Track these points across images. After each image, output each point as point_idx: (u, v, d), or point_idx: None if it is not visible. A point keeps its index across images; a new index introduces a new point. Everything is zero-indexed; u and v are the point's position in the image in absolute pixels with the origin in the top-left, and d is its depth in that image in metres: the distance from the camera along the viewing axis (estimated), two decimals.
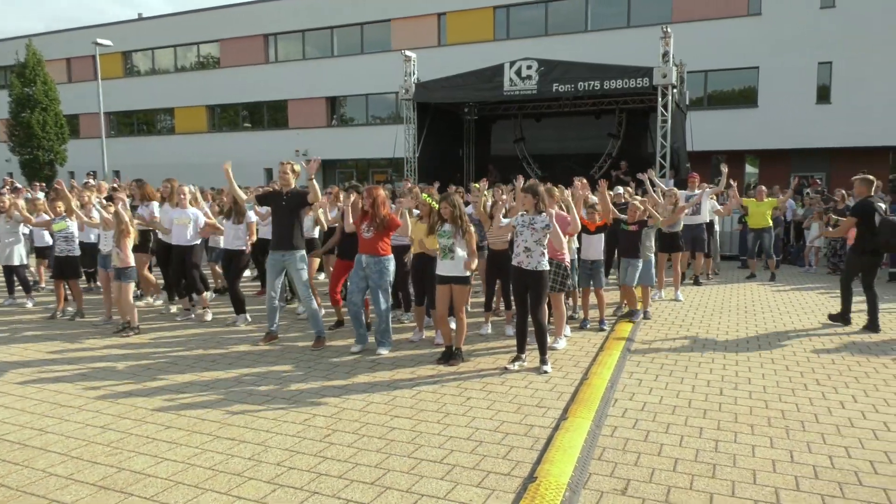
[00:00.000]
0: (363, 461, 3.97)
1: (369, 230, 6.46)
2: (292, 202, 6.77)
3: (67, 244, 8.50)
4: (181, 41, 32.78)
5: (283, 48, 30.75)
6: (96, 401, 5.10)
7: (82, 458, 4.03)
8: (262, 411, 4.84)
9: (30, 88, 28.97)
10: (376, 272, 6.49)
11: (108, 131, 32.67)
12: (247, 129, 32.08)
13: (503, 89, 15.91)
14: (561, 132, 20.19)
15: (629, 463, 3.94)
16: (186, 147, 32.12)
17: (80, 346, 6.93)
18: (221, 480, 3.72)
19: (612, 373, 5.75)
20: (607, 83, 15.10)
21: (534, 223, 5.82)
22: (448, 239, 6.07)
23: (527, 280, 5.81)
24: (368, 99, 29.13)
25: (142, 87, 33.58)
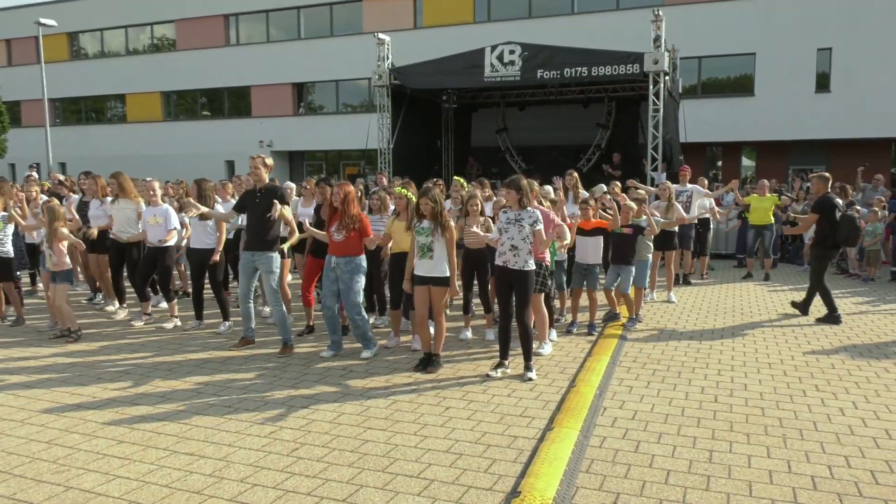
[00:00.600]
0: (334, 476, 3.96)
1: (339, 232, 6.47)
2: (267, 199, 6.70)
3: (1, 245, 8.28)
4: (133, 21, 32.36)
5: (244, 30, 30.51)
6: (41, 413, 5.02)
7: (25, 475, 3.97)
8: (224, 423, 4.81)
9: None
10: (347, 272, 6.47)
11: (53, 119, 32.15)
12: (206, 117, 31.79)
13: (484, 75, 15.94)
14: (546, 122, 20.28)
15: (619, 475, 3.99)
16: (140, 137, 31.74)
17: (22, 354, 6.82)
18: (179, 499, 3.69)
19: (600, 380, 5.81)
20: (595, 70, 15.20)
21: (521, 219, 5.82)
22: (426, 237, 6.04)
23: (512, 280, 5.83)
24: (339, 85, 29.03)
25: (90, 72, 33.09)
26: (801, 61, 22.01)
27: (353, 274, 6.50)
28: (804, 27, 21.84)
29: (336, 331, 6.67)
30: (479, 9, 26.43)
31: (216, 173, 25.47)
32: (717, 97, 23.45)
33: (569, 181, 9.96)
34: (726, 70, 23.80)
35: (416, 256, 6.15)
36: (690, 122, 17.43)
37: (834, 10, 21.56)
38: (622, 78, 15.61)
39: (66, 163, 31.19)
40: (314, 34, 29.10)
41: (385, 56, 17.25)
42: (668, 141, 15.21)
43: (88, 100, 34.17)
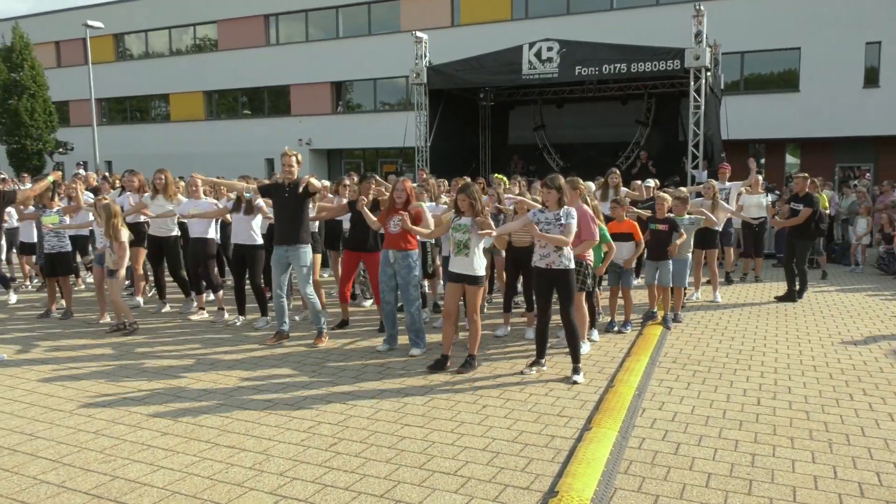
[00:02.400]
0: (372, 472, 3.99)
1: (397, 225, 6.54)
2: (294, 194, 6.81)
3: (59, 240, 8.52)
4: (176, 22, 33.02)
5: (284, 29, 30.88)
6: (88, 405, 5.16)
7: (74, 465, 4.09)
8: (264, 418, 4.88)
9: (17, 74, 29.33)
10: (405, 267, 6.59)
11: (100, 119, 32.98)
12: (246, 116, 32.28)
13: (522, 73, 15.86)
14: (584, 119, 20.12)
15: (658, 477, 3.93)
16: (182, 135, 32.37)
17: (71, 345, 7.02)
18: (221, 491, 3.76)
19: (639, 380, 5.74)
20: (635, 66, 15.00)
21: (559, 219, 5.73)
22: (464, 234, 6.01)
23: (553, 280, 5.78)
24: (376, 84, 29.18)
25: (135, 72, 33.87)
26: (848, 55, 21.39)
27: (411, 268, 6.61)
28: (852, 20, 21.21)
29: (394, 325, 6.79)
30: (517, 6, 26.30)
31: (256, 171, 25.85)
32: (761, 93, 22.94)
33: (612, 180, 9.89)
34: (770, 65, 23.25)
35: (452, 253, 6.13)
36: (732, 118, 17.10)
37: (883, 2, 20.91)
38: (662, 74, 15.38)
39: (112, 161, 31.98)
40: (352, 33, 29.30)
41: (422, 54, 17.28)
42: (709, 138, 14.94)
43: (133, 100, 34.98)
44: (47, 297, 8.79)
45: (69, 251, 8.68)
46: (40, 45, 32.69)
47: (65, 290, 8.61)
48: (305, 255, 6.93)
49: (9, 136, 29.63)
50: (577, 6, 25.13)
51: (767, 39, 22.31)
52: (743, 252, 11.56)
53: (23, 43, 29.60)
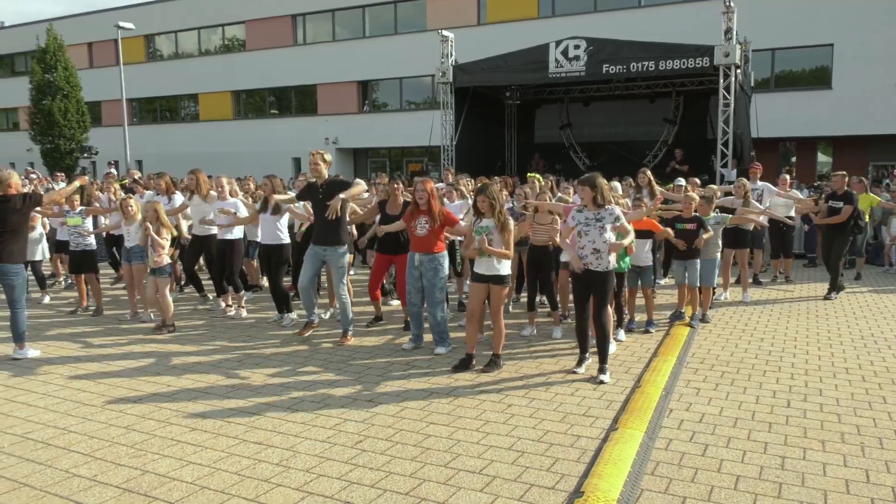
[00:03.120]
0: (397, 470, 4.01)
1: (424, 227, 6.49)
2: (330, 193, 6.77)
3: (83, 239, 8.68)
4: (205, 23, 33.43)
5: (311, 29, 31.10)
6: (119, 401, 5.26)
7: (106, 459, 4.17)
8: (291, 414, 4.93)
9: (50, 74, 29.93)
10: (431, 270, 6.53)
11: (131, 119, 33.52)
12: (273, 115, 32.58)
13: (548, 71, 15.80)
14: (611, 117, 19.99)
15: (685, 479, 3.90)
16: (211, 135, 32.76)
17: (101, 342, 7.15)
18: (248, 486, 3.80)
19: (667, 380, 5.69)
20: (663, 63, 14.87)
21: (601, 219, 5.64)
22: (486, 235, 5.95)
23: (591, 282, 5.71)
24: (402, 83, 29.26)
25: (165, 73, 34.36)
26: (882, 52, 20.91)
27: (437, 271, 6.56)
28: (886, 16, 20.74)
29: (420, 325, 6.79)
30: (544, 4, 26.18)
31: (283, 170, 26.10)
32: (792, 90, 22.55)
33: (642, 179, 9.80)
34: (802, 62, 22.85)
35: (477, 255, 6.06)
36: (763, 116, 16.86)
37: None
38: (691, 72, 15.22)
39: (143, 160, 32.49)
40: (379, 32, 29.41)
41: (449, 53, 17.29)
42: (738, 136, 14.74)
43: (163, 100, 35.49)
44: (77, 295, 8.95)
45: (93, 249, 8.79)
46: (73, 47, 33.31)
47: (92, 288, 8.73)
48: (343, 256, 6.96)
49: (43, 136, 30.23)
50: (605, 4, 24.93)
51: (799, 36, 21.91)
52: (771, 253, 11.37)
53: (56, 44, 30.18)
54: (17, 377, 5.91)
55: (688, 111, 19.07)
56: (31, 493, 3.73)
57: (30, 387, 5.63)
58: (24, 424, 4.77)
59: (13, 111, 38.88)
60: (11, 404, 5.21)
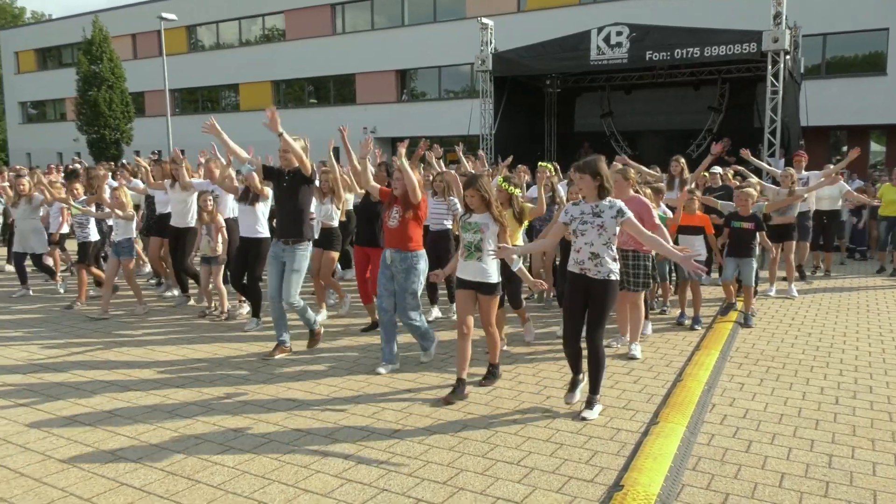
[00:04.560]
0: (434, 459, 4.03)
1: (395, 218, 5.66)
2: (294, 182, 6.05)
3: (82, 230, 8.57)
4: (246, 13, 33.81)
5: (350, 18, 31.23)
6: (162, 384, 5.39)
7: (150, 442, 4.29)
8: (329, 402, 5.00)
9: (96, 66, 30.65)
10: (402, 272, 5.66)
11: (173, 109, 34.14)
12: (313, 105, 32.84)
13: (590, 59, 15.61)
14: (654, 106, 19.68)
15: (728, 475, 3.84)
16: (251, 124, 32.93)
17: (162, 327, 7.32)
18: (288, 472, 3.87)
19: (709, 375, 5.60)
20: (708, 50, 14.56)
21: (600, 214, 4.58)
22: (475, 234, 5.07)
23: (590, 290, 4.66)
24: (441, 71, 29.22)
25: (206, 63, 34.90)
26: None
27: (409, 273, 5.66)
28: None
29: (391, 338, 5.82)
30: None
31: (321, 159, 26.25)
32: (844, 77, 21.87)
33: (674, 168, 9.52)
34: (854, 47, 22.15)
35: (462, 257, 5.18)
36: (813, 104, 16.39)
37: None
38: (737, 58, 14.89)
39: (185, 150, 33.04)
40: (417, 21, 29.40)
41: (488, 41, 17.20)
42: (786, 125, 14.38)
43: (204, 90, 36.08)
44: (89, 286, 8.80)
45: (91, 241, 8.68)
46: (118, 38, 34.02)
47: (79, 279, 8.51)
48: (301, 258, 6.08)
49: (89, 126, 31.01)
50: None
51: (852, 20, 21.22)
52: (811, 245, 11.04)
53: (102, 36, 30.88)
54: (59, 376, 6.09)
55: (733, 99, 18.67)
56: (79, 473, 3.86)
57: (74, 383, 5.81)
58: (73, 407, 4.94)
59: (60, 102, 39.96)
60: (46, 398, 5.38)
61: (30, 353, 6.38)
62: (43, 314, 8.11)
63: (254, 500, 3.56)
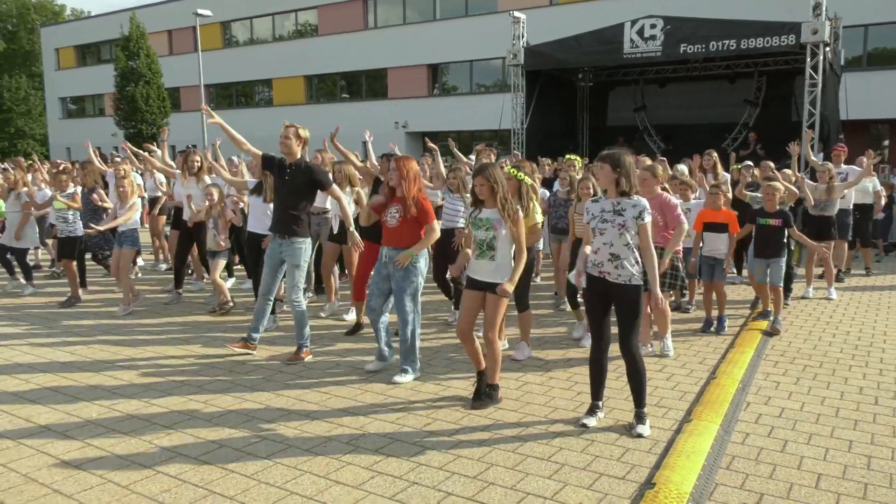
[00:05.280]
0: (464, 454, 4.04)
1: (395, 217, 5.32)
2: (297, 179, 5.78)
3: (67, 225, 8.34)
4: (279, 9, 34.08)
5: (382, 13, 31.30)
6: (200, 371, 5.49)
7: (184, 430, 4.37)
8: (360, 395, 5.03)
9: (133, 62, 31.21)
10: (401, 271, 5.31)
11: (208, 104, 34.58)
12: (344, 100, 33.01)
13: (623, 52, 15.45)
14: (689, 99, 19.41)
15: (763, 475, 3.78)
16: (284, 119, 33.35)
17: (187, 329, 7.44)
18: (319, 463, 3.91)
19: (744, 373, 5.52)
20: (745, 42, 14.30)
21: (622, 212, 4.29)
22: (487, 230, 4.71)
23: (610, 295, 4.38)
24: (472, 65, 29.14)
25: (240, 58, 35.29)
26: None
27: (408, 273, 5.30)
28: None
29: (383, 339, 5.61)
30: None
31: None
32: (886, 69, 21.26)
33: (707, 162, 9.37)
34: None
35: (473, 256, 4.85)
36: (853, 97, 16.00)
37: None
38: (775, 50, 14.60)
39: (219, 143, 33.49)
40: (449, 15, 29.34)
41: (520, 34, 17.11)
42: (826, 118, 14.07)
43: (238, 85, 36.49)
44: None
45: (77, 236, 8.41)
46: (154, 34, 34.54)
47: (68, 274, 8.33)
48: (301, 253, 5.86)
49: (126, 121, 31.60)
50: None
51: (895, 11, 20.62)
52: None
53: (139, 32, 31.41)
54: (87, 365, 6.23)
55: (770, 92, 18.32)
56: (118, 461, 3.95)
57: (100, 380, 5.93)
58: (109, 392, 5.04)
59: (99, 97, 40.79)
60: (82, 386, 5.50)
61: (51, 351, 6.54)
62: (51, 310, 8.29)
63: (286, 490, 3.60)
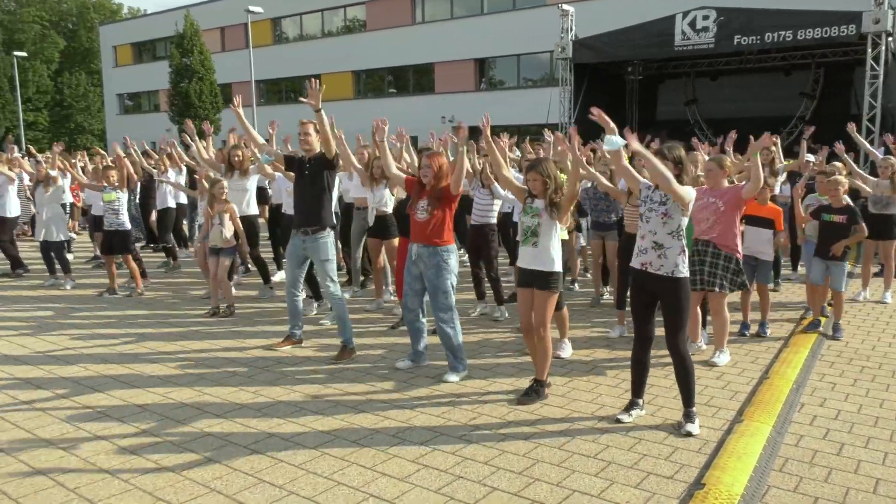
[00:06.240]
0: (510, 449, 4.03)
1: (424, 210, 5.24)
2: (314, 170, 5.80)
3: (117, 217, 8.37)
4: (328, 5, 34.45)
5: (429, 7, 31.36)
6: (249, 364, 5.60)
7: (235, 420, 4.47)
8: (407, 389, 5.07)
9: (187, 59, 32.00)
10: (431, 267, 5.23)
11: (259, 99, 35.20)
12: (392, 94, 33.20)
13: (674, 44, 15.18)
14: (742, 92, 18.97)
15: (817, 478, 3.67)
16: (331, 114, 33.54)
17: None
18: (366, 455, 3.95)
19: (798, 373, 5.37)
20: (802, 33, 13.89)
21: (665, 203, 4.22)
22: (533, 217, 4.77)
23: (655, 289, 4.32)
24: (520, 59, 28.97)
25: (290, 54, 35.81)
26: None
27: (440, 270, 5.22)
28: None
29: (418, 338, 5.55)
30: None
31: None
32: None
33: (764, 157, 9.11)
34: None
35: (520, 241, 4.93)
36: None
37: None
38: (834, 41, 14.16)
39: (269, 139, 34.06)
40: (497, 9, 29.22)
41: (569, 28, 16.94)
42: (889, 111, 13.56)
43: (288, 80, 37.04)
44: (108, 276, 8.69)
45: (127, 230, 8.47)
46: (207, 31, 35.30)
47: (129, 268, 8.54)
48: (325, 247, 5.82)
49: (180, 116, 32.40)
50: None
51: None
52: None
53: (193, 30, 32.19)
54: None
55: (828, 84, 17.75)
56: (195, 458, 4.06)
57: (138, 370, 6.10)
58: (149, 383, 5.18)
59: (154, 94, 41.90)
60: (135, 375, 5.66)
61: (99, 344, 6.75)
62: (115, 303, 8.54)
63: (333, 480, 3.65)
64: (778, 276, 8.74)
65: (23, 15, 52.17)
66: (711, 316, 5.84)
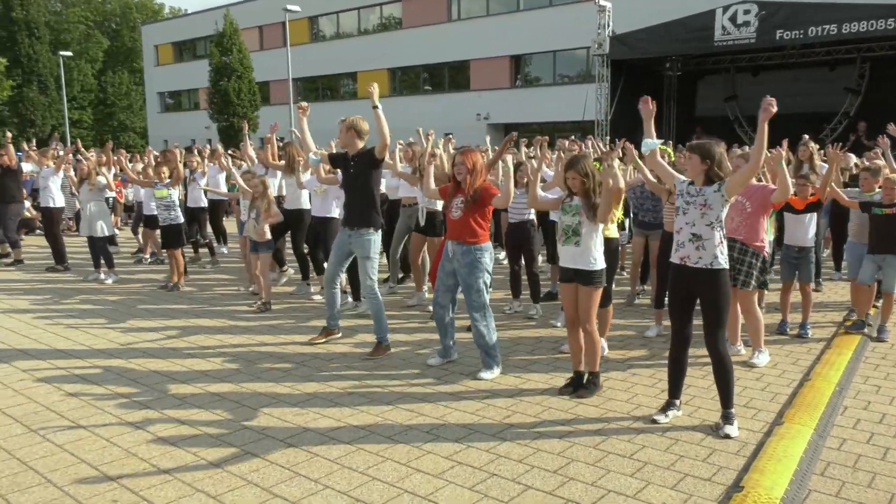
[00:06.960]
0: (545, 448, 4.01)
1: (459, 208, 5.28)
2: (360, 166, 5.87)
3: (169, 212, 8.60)
4: (364, 3, 34.63)
5: (465, 4, 31.29)
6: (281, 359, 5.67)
7: (272, 414, 4.52)
8: (441, 385, 5.08)
9: (227, 57, 32.47)
10: (465, 265, 5.25)
11: (296, 97, 35.56)
12: (427, 92, 33.25)
13: (714, 39, 14.91)
14: (784, 88, 18.49)
15: (861, 483, 3.58)
16: (367, 111, 33.86)
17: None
18: (400, 451, 3.97)
19: (841, 375, 5.24)
20: (847, 26, 13.53)
21: (705, 196, 4.20)
22: (573, 216, 4.80)
23: (694, 285, 4.26)
24: (556, 56, 28.75)
25: (326, 52, 36.10)
26: None
27: (473, 269, 5.24)
28: None
29: (446, 334, 5.56)
30: None
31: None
32: None
33: (802, 153, 8.86)
34: None
35: (560, 241, 4.92)
36: None
37: None
38: (880, 35, 13.75)
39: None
40: (532, 5, 29.04)
41: (606, 23, 16.76)
42: None
43: (324, 78, 37.37)
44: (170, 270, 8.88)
45: (179, 223, 8.71)
46: (246, 30, 35.77)
47: (175, 262, 8.68)
48: (369, 244, 5.83)
49: (219, 114, 32.98)
50: None
51: None
52: None
53: (232, 29, 32.65)
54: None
55: (875, 79, 17.23)
56: (232, 451, 4.13)
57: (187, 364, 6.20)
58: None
59: (194, 92, 42.61)
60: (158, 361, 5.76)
61: (128, 337, 6.89)
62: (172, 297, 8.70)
63: (368, 475, 3.68)
64: (819, 276, 8.51)
65: (69, 15, 53.52)
66: (743, 316, 5.70)
